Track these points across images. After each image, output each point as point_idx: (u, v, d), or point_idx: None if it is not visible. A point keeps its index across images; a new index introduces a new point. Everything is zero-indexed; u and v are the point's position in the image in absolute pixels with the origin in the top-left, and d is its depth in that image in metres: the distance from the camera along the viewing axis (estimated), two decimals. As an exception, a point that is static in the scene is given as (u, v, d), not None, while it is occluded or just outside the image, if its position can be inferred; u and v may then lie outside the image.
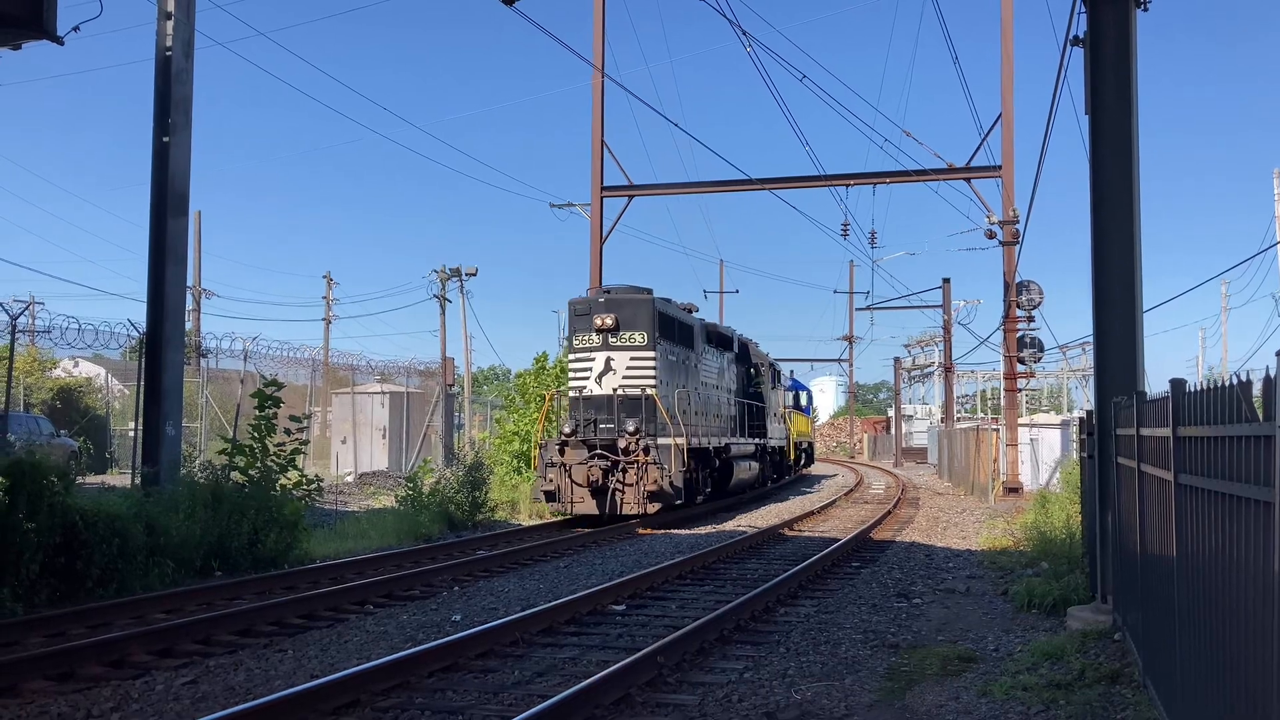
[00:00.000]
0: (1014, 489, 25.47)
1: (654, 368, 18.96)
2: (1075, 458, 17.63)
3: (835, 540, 15.61)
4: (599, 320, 18.99)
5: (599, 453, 18.37)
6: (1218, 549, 4.19)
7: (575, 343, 19.49)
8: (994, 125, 26.33)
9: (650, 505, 18.25)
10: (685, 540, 16.22)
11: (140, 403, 15.08)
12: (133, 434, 21.09)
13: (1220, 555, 4.15)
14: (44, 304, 38.59)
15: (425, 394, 34.34)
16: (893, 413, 65.20)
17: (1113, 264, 9.42)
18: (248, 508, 12.42)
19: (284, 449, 13.54)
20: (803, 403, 38.83)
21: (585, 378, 19.20)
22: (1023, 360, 27.34)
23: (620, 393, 18.82)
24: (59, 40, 12.70)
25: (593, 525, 17.86)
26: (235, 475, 13.06)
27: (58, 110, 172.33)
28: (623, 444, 18.27)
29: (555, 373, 25.91)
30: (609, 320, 18.95)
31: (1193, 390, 4.71)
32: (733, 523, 19.56)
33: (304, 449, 14.51)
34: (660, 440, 18.43)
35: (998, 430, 27.07)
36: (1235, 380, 3.83)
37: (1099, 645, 7.97)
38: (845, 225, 30.63)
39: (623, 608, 10.12)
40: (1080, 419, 12.55)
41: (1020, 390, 29.51)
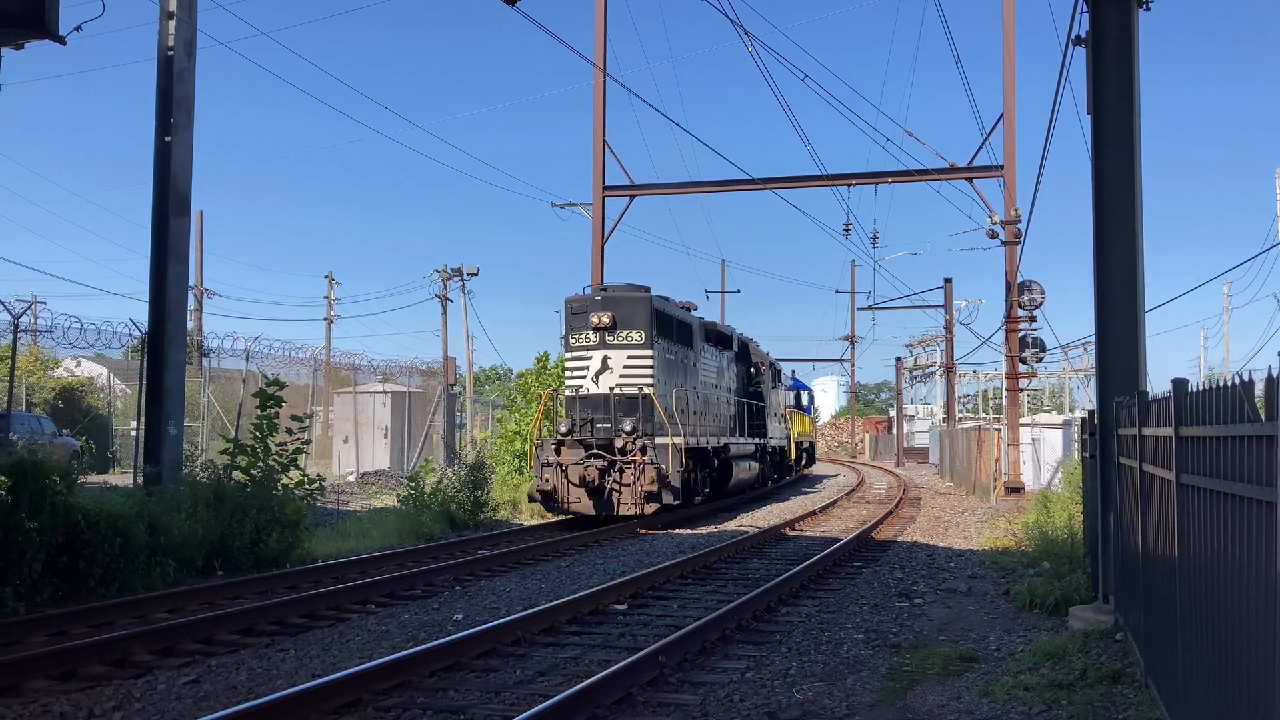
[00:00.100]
0: (1016, 489, 25.47)
1: (651, 366, 18.75)
2: (1077, 458, 17.64)
3: (837, 540, 15.61)
4: (596, 318, 18.73)
5: (595, 452, 18.14)
6: (1220, 549, 4.19)
7: (572, 341, 19.22)
8: (996, 125, 26.33)
9: (647, 506, 18.02)
10: (686, 540, 16.22)
11: (142, 402, 15.09)
12: (134, 433, 21.11)
13: (1222, 555, 4.15)
14: (46, 303, 38.61)
15: (427, 394, 34.35)
16: (894, 413, 65.18)
17: (1115, 264, 9.42)
18: (250, 507, 12.43)
19: (286, 448, 13.56)
20: (804, 402, 38.76)
21: (582, 376, 18.95)
22: (1024, 360, 27.32)
23: (617, 392, 18.58)
24: (61, 40, 12.70)
25: (589, 526, 17.63)
26: (237, 475, 13.07)
27: (60, 110, 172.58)
28: (619, 444, 18.06)
29: (556, 372, 25.85)
30: (606, 318, 18.69)
31: (1195, 390, 4.70)
32: (734, 522, 19.55)
33: (306, 448, 14.52)
34: (658, 440, 18.22)
35: (999, 430, 27.06)
36: (1237, 380, 3.82)
37: (1101, 645, 7.97)
38: (847, 225, 30.64)
39: (624, 607, 10.13)
40: (1082, 419, 12.56)
41: (1022, 390, 29.49)
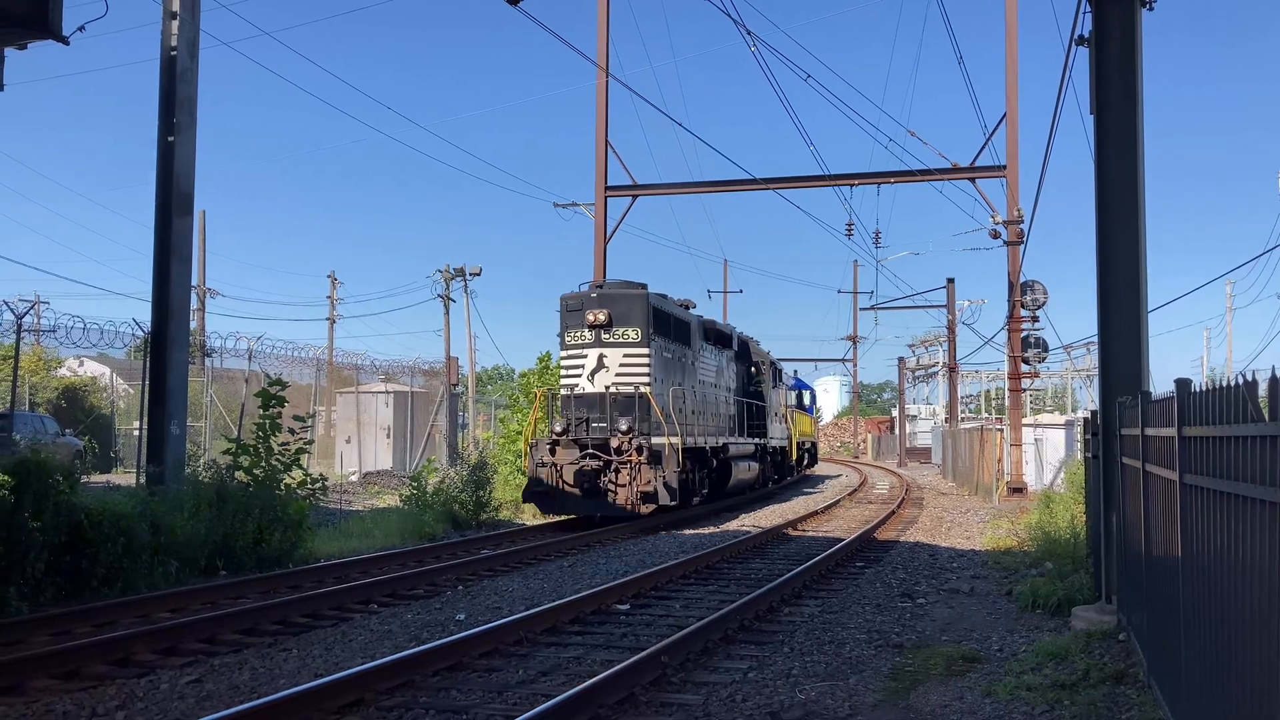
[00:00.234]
0: (1018, 489, 25.46)
1: (648, 365, 18.37)
2: (1079, 458, 17.61)
3: (839, 540, 15.60)
4: (591, 316, 18.34)
5: (591, 453, 17.84)
6: (1223, 549, 4.18)
7: (567, 339, 18.79)
8: (998, 125, 26.31)
9: (643, 507, 17.74)
10: (689, 540, 16.22)
11: (145, 402, 15.11)
12: (137, 433, 21.13)
13: (1225, 555, 4.15)
14: (49, 303, 38.65)
15: (429, 393, 34.38)
16: (897, 413, 65.15)
17: (1117, 263, 9.41)
18: (252, 507, 12.44)
19: (288, 448, 13.56)
20: (806, 402, 38.70)
21: (577, 375, 18.57)
22: (1027, 360, 27.30)
23: (613, 391, 18.23)
24: (64, 40, 12.71)
25: (587, 527, 17.34)
26: (240, 474, 13.08)
27: (63, 110, 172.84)
28: (615, 443, 17.72)
29: (558, 372, 25.80)
30: (602, 316, 18.31)
31: (1198, 390, 4.70)
32: (735, 522, 19.54)
33: (308, 448, 14.54)
34: (654, 440, 17.85)
35: (1002, 430, 27.05)
36: (1241, 380, 3.82)
37: (1103, 645, 7.96)
38: (850, 225, 30.53)
39: (627, 607, 10.13)
40: (1085, 419, 12.55)
41: (1024, 390, 29.49)
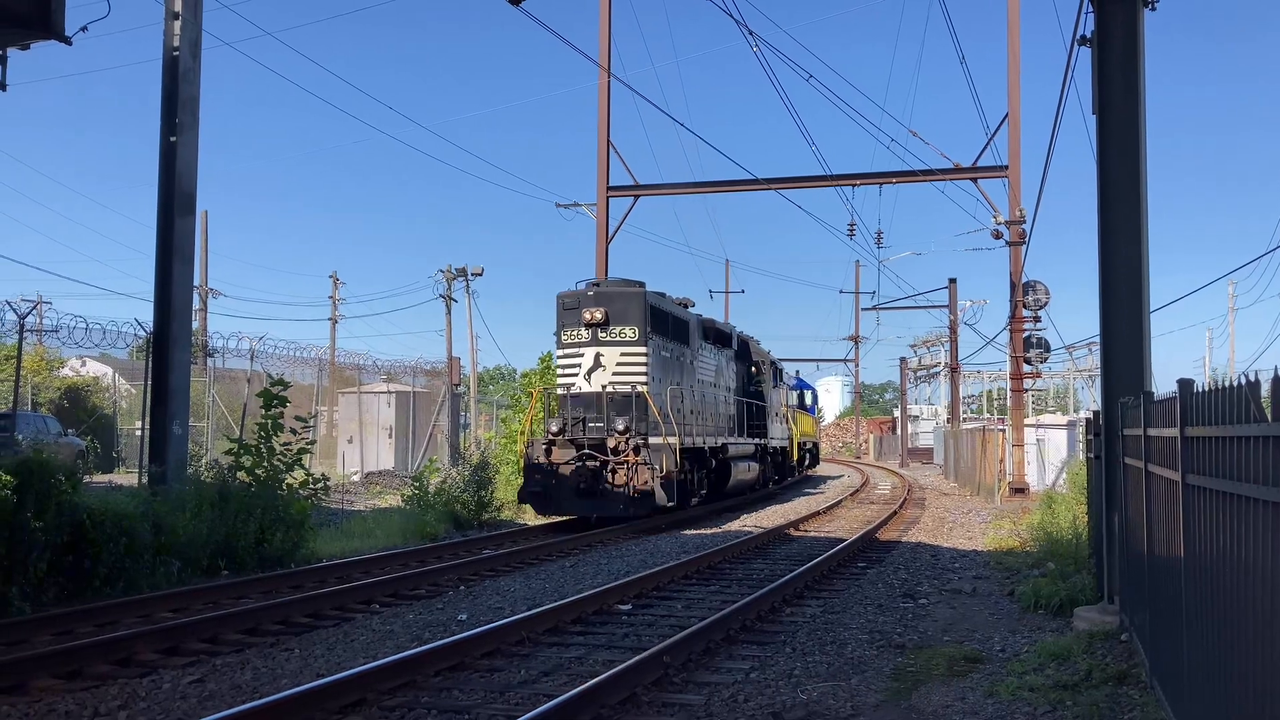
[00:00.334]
0: (1020, 489, 25.45)
1: (645, 364, 18.11)
2: (1082, 458, 17.60)
3: (841, 540, 15.59)
4: (588, 314, 18.06)
5: (587, 453, 17.58)
6: (1226, 550, 4.18)
7: (564, 338, 18.51)
8: (1000, 125, 26.30)
9: (641, 508, 17.45)
10: (691, 540, 16.22)
11: (147, 402, 15.13)
12: (139, 433, 21.16)
13: (1228, 556, 4.14)
14: (51, 303, 38.83)
15: (431, 393, 34.38)
16: (898, 413, 65.13)
17: (1119, 264, 9.40)
18: (254, 507, 12.44)
19: (290, 448, 13.56)
20: (807, 402, 38.65)
21: (574, 374, 18.32)
22: (1029, 360, 27.28)
23: (610, 390, 17.95)
24: (67, 40, 12.73)
25: (584, 528, 17.13)
26: (242, 474, 13.08)
27: (65, 110, 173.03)
28: (612, 443, 17.44)
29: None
30: (598, 314, 18.02)
31: (1201, 390, 4.69)
32: (737, 523, 19.53)
33: (310, 448, 14.53)
34: (651, 440, 17.57)
35: (1004, 431, 27.04)
36: (1243, 380, 3.82)
37: (1106, 646, 7.95)
38: (851, 225, 30.49)
39: (629, 607, 10.12)
40: (1087, 419, 12.54)
41: (1026, 390, 29.45)
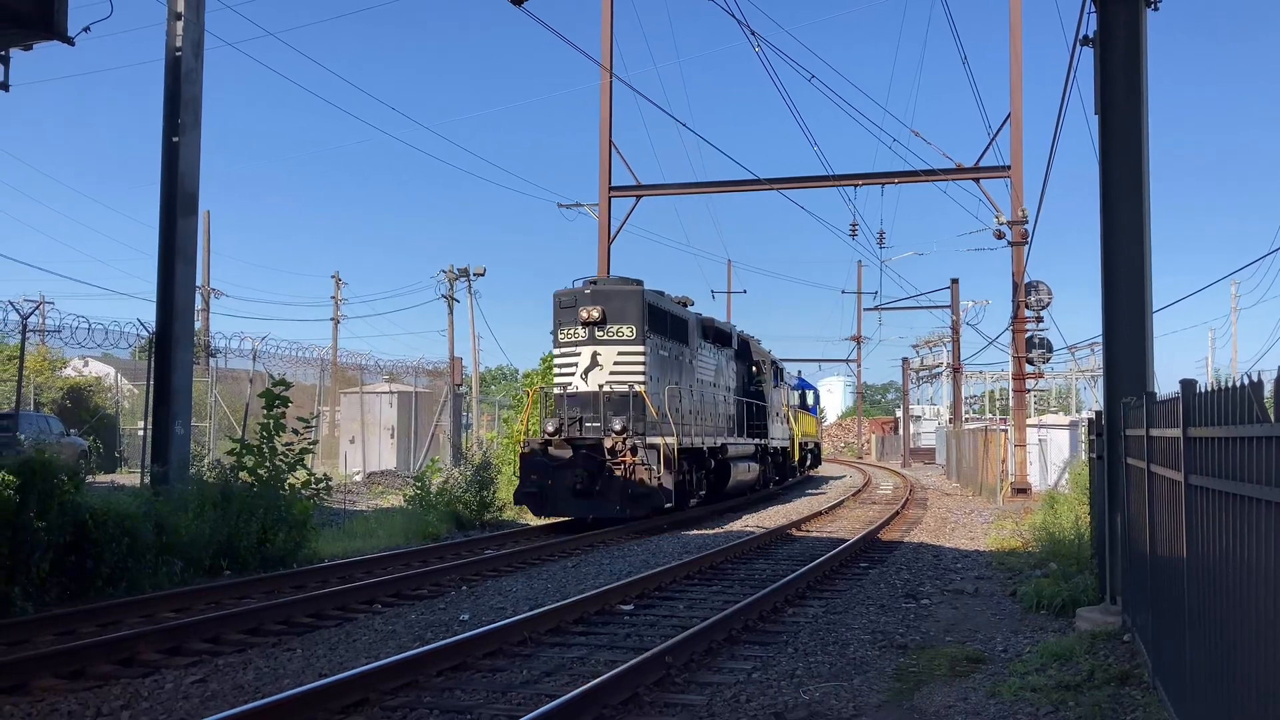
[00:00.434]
0: (1022, 490, 25.44)
1: (643, 363, 17.91)
2: (1084, 458, 17.57)
3: (843, 541, 15.59)
4: (585, 313, 17.86)
5: (584, 453, 17.36)
6: (1228, 550, 4.18)
7: (560, 336, 18.31)
8: (1003, 125, 26.28)
9: (638, 509, 17.30)
10: (692, 541, 16.21)
11: (150, 402, 15.14)
12: (142, 433, 21.17)
13: (1231, 556, 4.14)
14: (54, 303, 38.80)
15: (433, 394, 34.38)
16: (901, 413, 65.11)
17: (1122, 264, 9.40)
18: (256, 507, 12.45)
19: (292, 448, 13.57)
20: (809, 402, 38.59)
21: (570, 373, 18.13)
22: (1031, 361, 27.25)
23: (607, 389, 17.77)
24: (70, 41, 12.73)
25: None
26: (244, 475, 13.09)
27: (68, 110, 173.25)
28: (609, 444, 17.23)
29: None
30: (595, 312, 17.81)
31: (1203, 391, 4.69)
32: (739, 523, 19.53)
33: (312, 448, 14.54)
34: (649, 440, 17.40)
35: (1006, 431, 27.03)
36: (1246, 381, 3.81)
37: (1108, 646, 7.95)
38: (854, 225, 30.53)
39: (630, 607, 10.13)
40: (1089, 419, 12.51)
41: (1029, 391, 29.45)
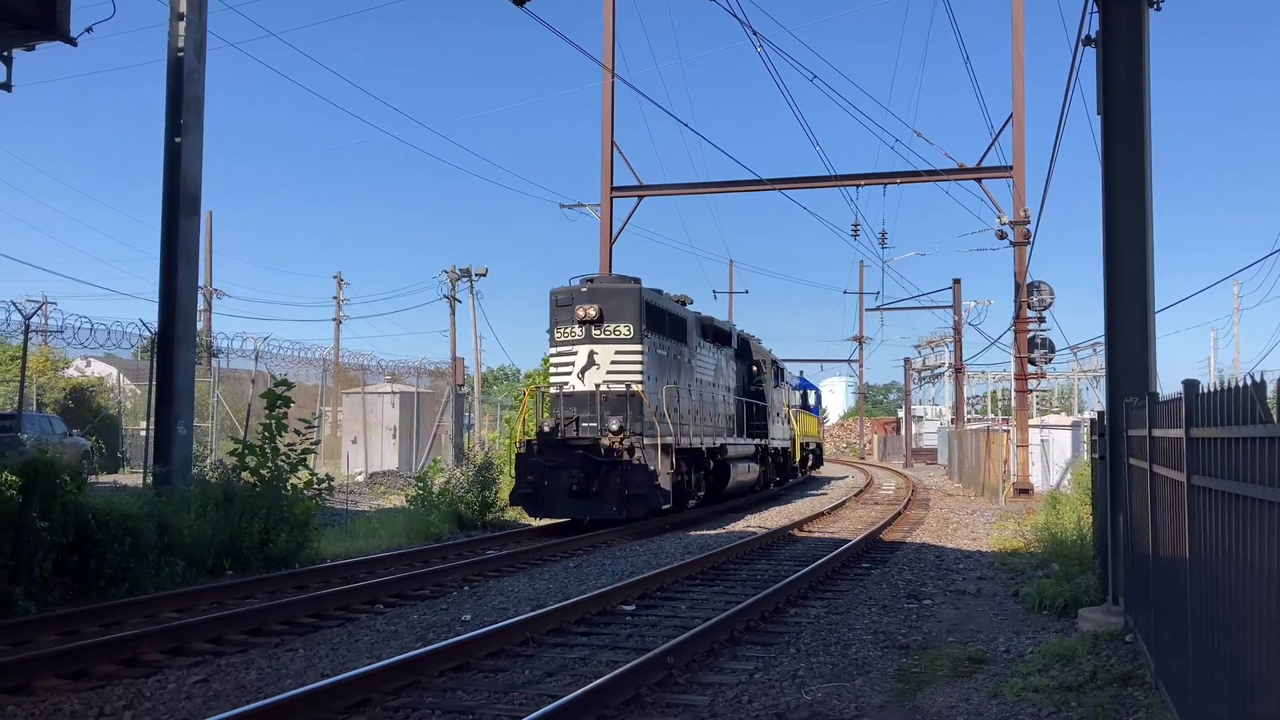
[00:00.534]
0: (1024, 490, 25.43)
1: (641, 362, 17.69)
2: (1086, 459, 17.56)
3: (845, 541, 15.58)
4: (581, 311, 17.63)
5: (580, 453, 17.16)
6: (1231, 551, 4.17)
7: (556, 335, 18.07)
8: (1005, 125, 26.27)
9: (635, 510, 17.14)
10: (694, 541, 16.21)
11: (152, 402, 15.15)
12: (144, 433, 21.18)
13: (1234, 557, 4.14)
14: (56, 304, 38.83)
15: (435, 394, 34.40)
16: (903, 413, 65.10)
17: (1124, 264, 9.39)
18: (259, 507, 12.46)
19: (295, 449, 13.58)
20: (811, 402, 38.56)
21: (567, 373, 17.91)
22: (1033, 361, 27.23)
23: (604, 389, 17.55)
24: (72, 41, 12.75)
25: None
26: (246, 475, 13.10)
27: (70, 110, 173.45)
28: (606, 444, 17.05)
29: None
30: (592, 311, 17.58)
31: (1206, 391, 4.69)
32: (740, 524, 19.52)
33: (315, 449, 14.55)
34: (646, 440, 17.22)
35: (1008, 431, 27.01)
36: (1249, 381, 3.81)
37: (1110, 647, 7.94)
38: (855, 225, 30.56)
39: (632, 608, 10.13)
40: (1091, 420, 12.50)
41: (1031, 391, 29.44)
